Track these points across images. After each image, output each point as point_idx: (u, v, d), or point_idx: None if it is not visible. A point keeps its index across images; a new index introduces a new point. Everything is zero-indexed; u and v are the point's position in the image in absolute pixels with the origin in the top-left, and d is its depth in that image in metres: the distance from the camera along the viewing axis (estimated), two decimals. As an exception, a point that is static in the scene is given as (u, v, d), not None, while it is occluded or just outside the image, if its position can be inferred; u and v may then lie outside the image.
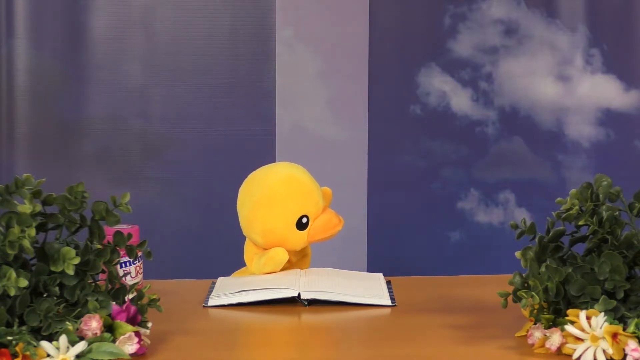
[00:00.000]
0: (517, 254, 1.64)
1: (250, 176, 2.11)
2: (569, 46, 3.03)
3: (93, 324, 1.47)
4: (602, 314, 1.49)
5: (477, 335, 1.68)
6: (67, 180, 1.62)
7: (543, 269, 1.57)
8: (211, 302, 1.90)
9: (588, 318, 1.49)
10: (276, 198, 2.04)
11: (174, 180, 2.98)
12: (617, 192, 1.59)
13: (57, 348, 1.41)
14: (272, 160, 2.94)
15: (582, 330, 1.49)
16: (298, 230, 2.04)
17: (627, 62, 3.05)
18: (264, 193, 2.05)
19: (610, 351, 1.46)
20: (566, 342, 1.51)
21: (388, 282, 2.05)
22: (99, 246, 1.57)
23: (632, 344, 1.46)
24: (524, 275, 1.61)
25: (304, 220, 2.04)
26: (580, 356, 1.48)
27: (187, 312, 1.85)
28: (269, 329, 1.82)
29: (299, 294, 1.89)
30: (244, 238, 2.11)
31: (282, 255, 2.03)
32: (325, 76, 3.01)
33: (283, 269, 2.06)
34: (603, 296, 1.51)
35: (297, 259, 2.10)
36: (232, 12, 2.98)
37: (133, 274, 1.95)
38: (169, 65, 2.97)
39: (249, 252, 2.10)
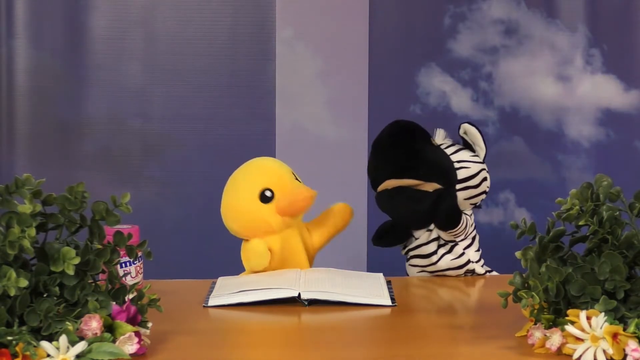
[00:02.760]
0: (517, 254, 1.64)
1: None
2: (569, 46, 3.03)
3: (93, 324, 1.47)
4: (602, 314, 1.49)
5: (477, 335, 1.68)
6: (67, 180, 1.62)
7: (543, 269, 1.57)
8: (211, 302, 1.91)
9: (588, 318, 1.49)
10: (236, 179, 2.10)
11: (174, 180, 2.98)
12: (617, 192, 1.59)
13: (57, 348, 1.41)
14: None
15: (582, 330, 1.49)
16: (263, 204, 2.04)
17: (627, 62, 3.04)
18: (228, 182, 2.10)
19: (610, 351, 1.46)
20: (566, 342, 1.51)
21: (388, 282, 2.05)
22: (99, 246, 1.57)
23: (632, 344, 1.46)
24: (524, 275, 1.61)
25: (268, 193, 2.05)
26: (580, 356, 1.48)
27: (187, 312, 1.85)
28: (269, 329, 1.82)
29: (299, 294, 1.89)
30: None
31: (257, 244, 2.04)
32: (325, 76, 3.00)
33: (285, 265, 2.06)
34: (603, 296, 1.51)
35: (287, 249, 2.09)
36: (232, 12, 2.97)
37: (133, 274, 1.95)
38: (169, 65, 2.97)
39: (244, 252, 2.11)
